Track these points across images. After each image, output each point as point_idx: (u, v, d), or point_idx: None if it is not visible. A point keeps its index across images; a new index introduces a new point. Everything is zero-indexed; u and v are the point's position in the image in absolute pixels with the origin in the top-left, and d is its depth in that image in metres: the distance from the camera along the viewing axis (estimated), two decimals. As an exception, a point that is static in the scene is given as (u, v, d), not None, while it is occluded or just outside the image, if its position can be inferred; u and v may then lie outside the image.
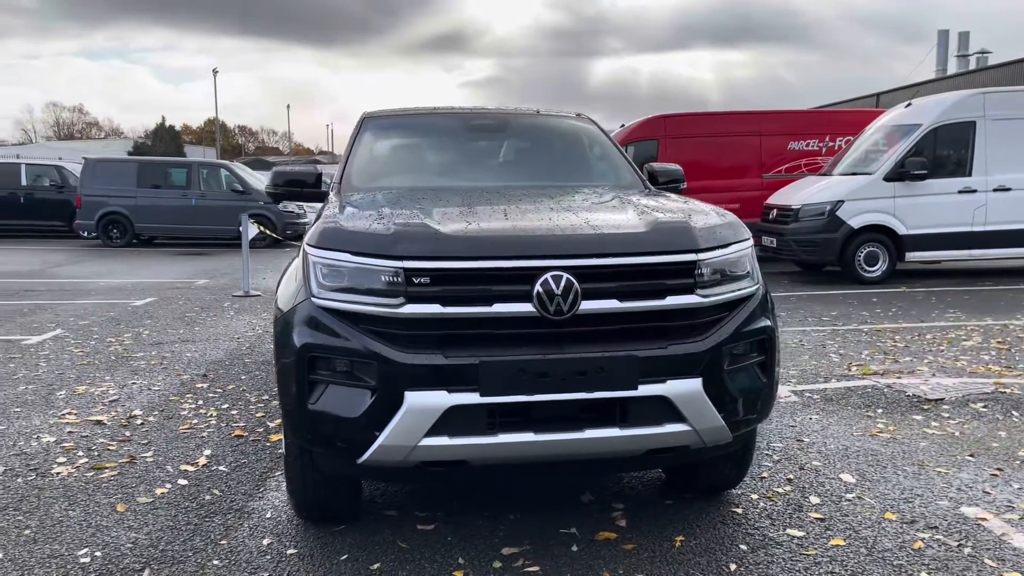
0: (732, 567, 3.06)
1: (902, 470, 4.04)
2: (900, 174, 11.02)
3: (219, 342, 7.49)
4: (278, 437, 4.56)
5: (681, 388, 2.83)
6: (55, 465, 4.18)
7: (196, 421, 4.97)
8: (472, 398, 2.73)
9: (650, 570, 3.04)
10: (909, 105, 12.30)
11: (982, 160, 11.09)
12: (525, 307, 2.79)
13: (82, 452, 4.39)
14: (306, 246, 3.10)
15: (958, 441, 4.48)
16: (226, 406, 5.31)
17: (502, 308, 2.79)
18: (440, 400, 2.72)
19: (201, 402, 5.41)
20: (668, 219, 3.20)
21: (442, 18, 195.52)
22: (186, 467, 4.16)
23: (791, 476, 3.98)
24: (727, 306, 3.05)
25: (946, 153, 11.38)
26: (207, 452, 4.40)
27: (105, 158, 21.42)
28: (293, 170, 4.38)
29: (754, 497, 3.73)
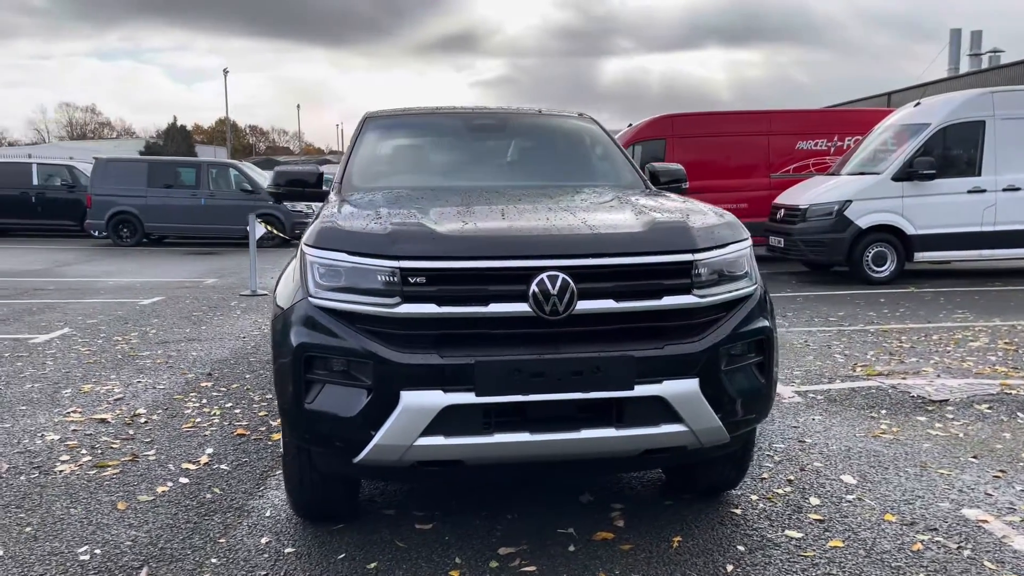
0: (729, 568, 3.05)
1: (904, 471, 4.02)
2: (908, 174, 10.97)
3: (225, 341, 7.52)
4: (279, 436, 4.58)
5: (677, 388, 2.83)
6: (58, 463, 4.21)
7: (199, 420, 5.00)
8: (468, 398, 2.73)
9: (646, 571, 3.04)
10: (918, 104, 12.24)
11: (991, 160, 11.02)
12: (521, 307, 2.78)
13: (85, 450, 4.42)
14: (303, 246, 3.11)
15: (961, 442, 4.45)
16: (229, 405, 5.34)
17: (498, 308, 2.79)
18: (436, 400, 2.72)
19: (205, 401, 5.44)
20: (665, 219, 3.19)
21: (452, 18, 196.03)
22: (188, 465, 4.18)
23: (792, 477, 3.97)
24: (724, 306, 3.04)
25: (955, 153, 11.31)
26: (209, 450, 4.42)
27: (115, 158, 21.49)
28: (294, 170, 4.39)
29: (754, 498, 3.72)
